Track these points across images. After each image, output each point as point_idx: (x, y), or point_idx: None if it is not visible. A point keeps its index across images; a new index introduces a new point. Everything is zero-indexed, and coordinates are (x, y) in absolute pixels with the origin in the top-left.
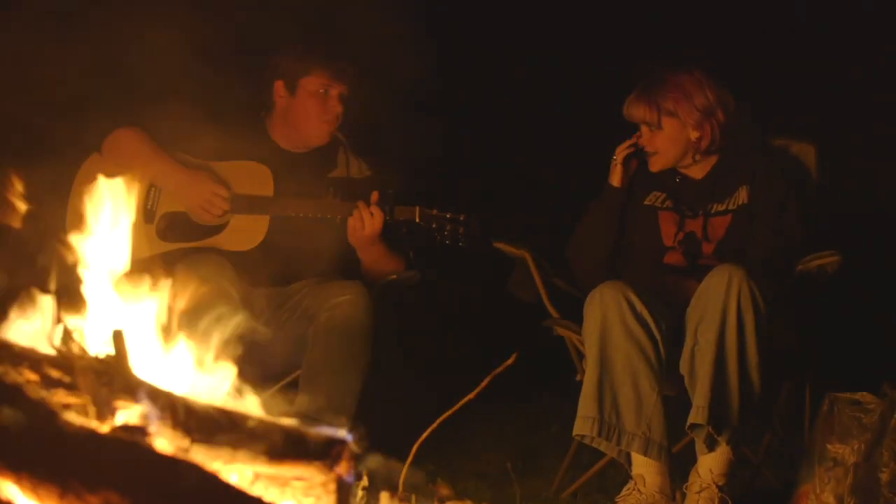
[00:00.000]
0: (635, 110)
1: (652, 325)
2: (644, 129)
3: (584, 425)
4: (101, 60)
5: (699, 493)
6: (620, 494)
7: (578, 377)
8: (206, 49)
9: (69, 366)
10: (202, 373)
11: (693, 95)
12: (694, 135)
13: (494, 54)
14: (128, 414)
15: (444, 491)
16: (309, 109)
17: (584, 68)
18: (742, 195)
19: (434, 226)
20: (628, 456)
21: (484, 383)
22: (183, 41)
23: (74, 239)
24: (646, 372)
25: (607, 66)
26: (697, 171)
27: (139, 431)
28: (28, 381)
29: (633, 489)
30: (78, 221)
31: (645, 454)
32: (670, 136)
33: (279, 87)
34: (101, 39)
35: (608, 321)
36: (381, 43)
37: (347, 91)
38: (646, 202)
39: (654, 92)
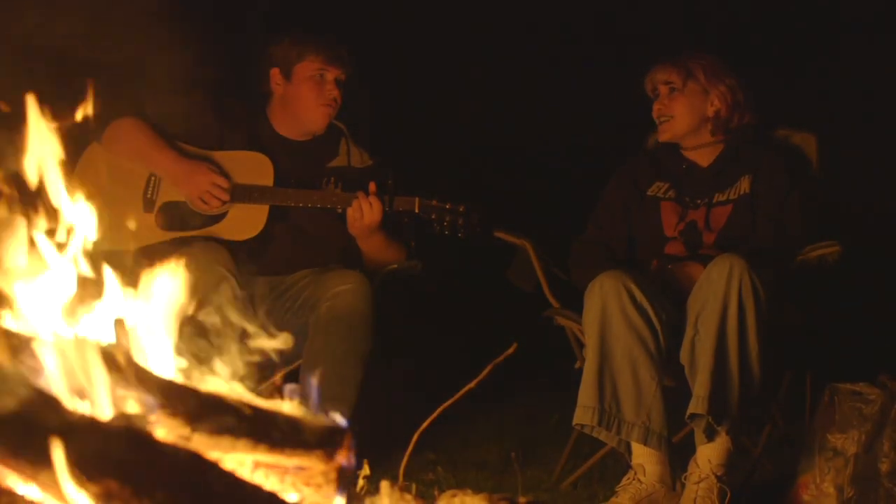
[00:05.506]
0: (661, 71)
1: (652, 315)
2: (663, 91)
3: (583, 415)
4: (101, 51)
5: (698, 483)
6: (620, 484)
7: (578, 365)
8: (206, 41)
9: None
10: (200, 362)
11: (721, 70)
12: (712, 108)
13: (497, 45)
14: (128, 402)
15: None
16: (305, 95)
17: (586, 60)
18: (744, 184)
19: (433, 216)
20: (628, 445)
21: (484, 373)
22: (183, 32)
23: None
24: (645, 361)
25: (608, 59)
26: (704, 159)
27: (139, 419)
28: (29, 370)
29: (633, 479)
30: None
31: (644, 443)
32: (690, 101)
33: (275, 74)
34: (100, 31)
35: (608, 311)
36: (386, 33)
37: (343, 75)
38: (649, 192)
39: (684, 57)
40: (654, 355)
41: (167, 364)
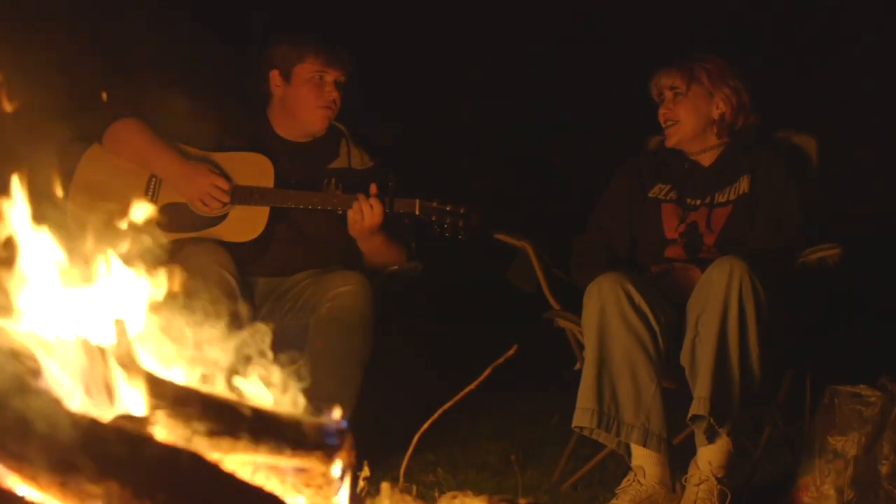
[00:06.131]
0: (665, 76)
1: (650, 317)
2: (668, 96)
3: (582, 417)
4: (102, 50)
5: (699, 485)
6: (620, 486)
7: (578, 366)
8: (206, 40)
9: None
10: (201, 363)
11: (725, 72)
12: (717, 111)
13: (497, 45)
14: (129, 403)
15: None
16: (305, 97)
17: (586, 64)
18: (743, 184)
19: (434, 218)
20: (628, 447)
21: (485, 374)
22: (183, 32)
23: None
24: (644, 363)
25: (609, 59)
26: (706, 159)
27: (140, 421)
28: (30, 371)
29: (634, 480)
30: (79, 211)
31: (644, 445)
32: (694, 105)
33: (275, 76)
34: (101, 29)
35: (606, 313)
36: (388, 36)
37: (343, 77)
38: (650, 194)
39: (688, 61)
40: (652, 357)
41: (167, 365)
